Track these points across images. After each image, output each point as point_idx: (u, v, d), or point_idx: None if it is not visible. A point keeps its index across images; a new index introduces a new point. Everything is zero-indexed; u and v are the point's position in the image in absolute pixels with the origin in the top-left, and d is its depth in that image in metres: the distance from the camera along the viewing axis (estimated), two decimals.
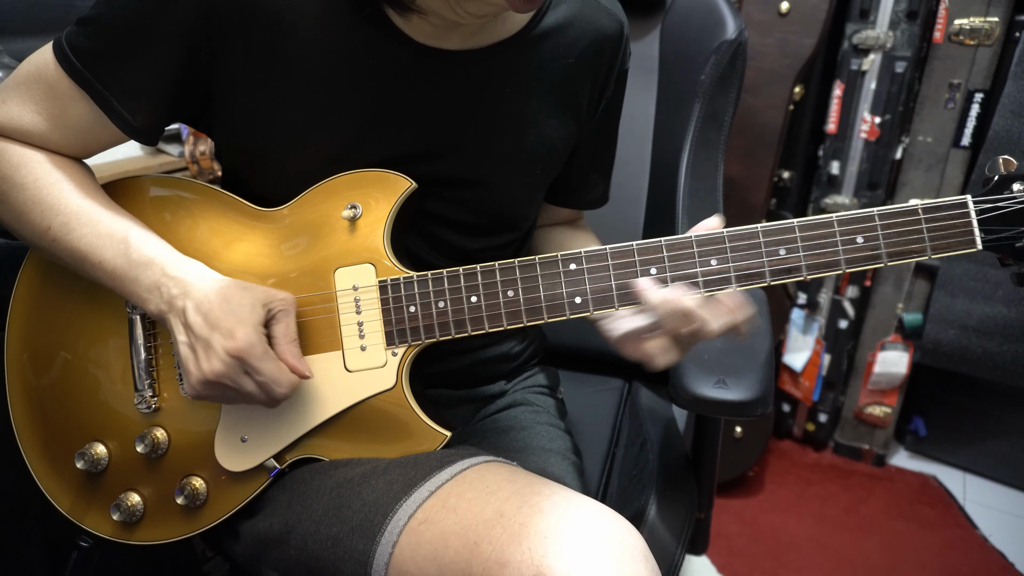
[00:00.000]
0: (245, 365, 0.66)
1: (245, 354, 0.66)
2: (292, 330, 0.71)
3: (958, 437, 2.03)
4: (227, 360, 0.66)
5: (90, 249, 0.71)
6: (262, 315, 0.69)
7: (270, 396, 0.68)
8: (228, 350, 0.65)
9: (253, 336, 0.66)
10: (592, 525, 0.61)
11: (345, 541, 0.67)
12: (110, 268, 0.71)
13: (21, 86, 0.73)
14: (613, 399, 1.21)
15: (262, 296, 0.70)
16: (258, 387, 0.68)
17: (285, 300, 0.71)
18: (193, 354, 0.67)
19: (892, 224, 0.68)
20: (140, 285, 0.70)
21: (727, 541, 1.77)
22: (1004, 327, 1.71)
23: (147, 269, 0.70)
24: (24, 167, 0.73)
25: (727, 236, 0.70)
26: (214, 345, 0.66)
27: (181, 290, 0.69)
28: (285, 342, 0.70)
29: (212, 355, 0.66)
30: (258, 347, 0.67)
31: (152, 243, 0.72)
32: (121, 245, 0.71)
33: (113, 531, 0.79)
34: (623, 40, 0.82)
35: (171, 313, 0.69)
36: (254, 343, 0.66)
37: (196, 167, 1.26)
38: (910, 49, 1.68)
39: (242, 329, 0.66)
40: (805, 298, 1.99)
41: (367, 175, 0.75)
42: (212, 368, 0.66)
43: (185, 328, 0.68)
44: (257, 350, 0.66)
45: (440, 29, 0.72)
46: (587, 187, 0.94)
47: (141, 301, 0.71)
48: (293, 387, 0.69)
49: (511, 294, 0.73)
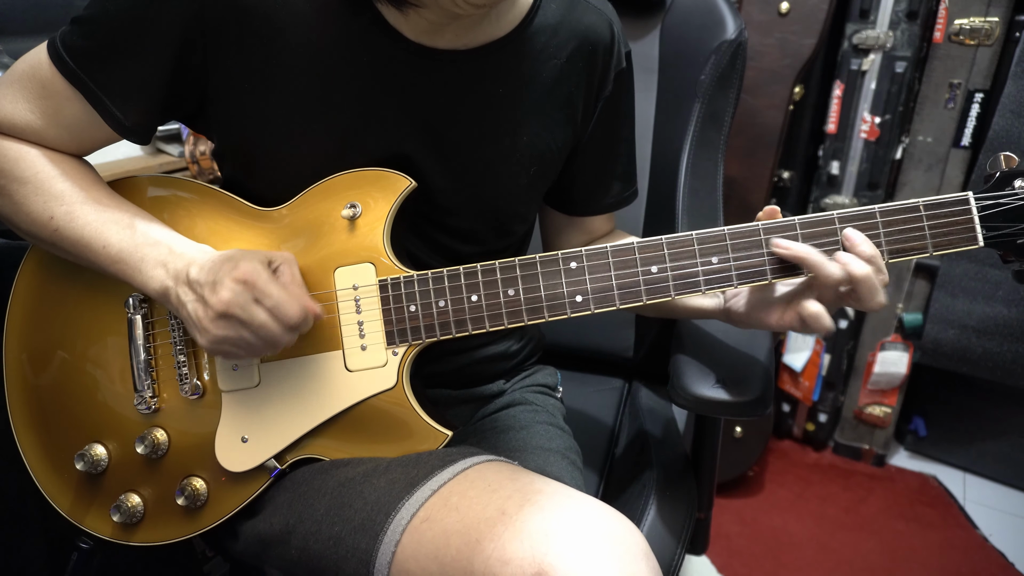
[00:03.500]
0: (253, 290, 0.65)
1: (251, 277, 0.65)
2: (298, 277, 0.72)
3: (958, 437, 2.03)
4: (234, 287, 0.65)
5: (95, 234, 0.71)
6: (264, 256, 0.69)
7: (283, 320, 0.67)
8: (234, 277, 0.65)
9: (257, 264, 0.67)
10: (593, 523, 0.61)
11: (347, 540, 0.67)
12: (115, 251, 0.71)
13: (15, 84, 0.73)
14: (613, 399, 1.21)
15: (265, 253, 0.70)
16: (269, 314, 0.66)
17: (287, 256, 0.72)
18: (202, 303, 0.67)
19: (893, 221, 0.68)
20: (146, 263, 0.70)
21: (727, 541, 1.77)
22: (1004, 327, 1.71)
23: (154, 248, 0.71)
24: (23, 161, 0.73)
25: (728, 234, 0.70)
26: (220, 279, 0.65)
27: (187, 263, 0.69)
28: (292, 285, 0.70)
29: (219, 287, 0.65)
30: (263, 272, 0.67)
31: (159, 228, 0.73)
32: (127, 229, 0.72)
33: (113, 532, 0.79)
34: (614, 39, 0.82)
35: (176, 284, 0.69)
36: (259, 270, 0.66)
37: (196, 167, 1.26)
38: (910, 49, 1.68)
39: (245, 260, 0.66)
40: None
41: (366, 174, 0.75)
42: (220, 298, 0.65)
43: (189, 287, 0.68)
44: (263, 275, 0.66)
45: (435, 26, 0.72)
46: (602, 191, 0.92)
47: (146, 280, 0.70)
48: (304, 313, 0.68)
49: (512, 293, 0.73)
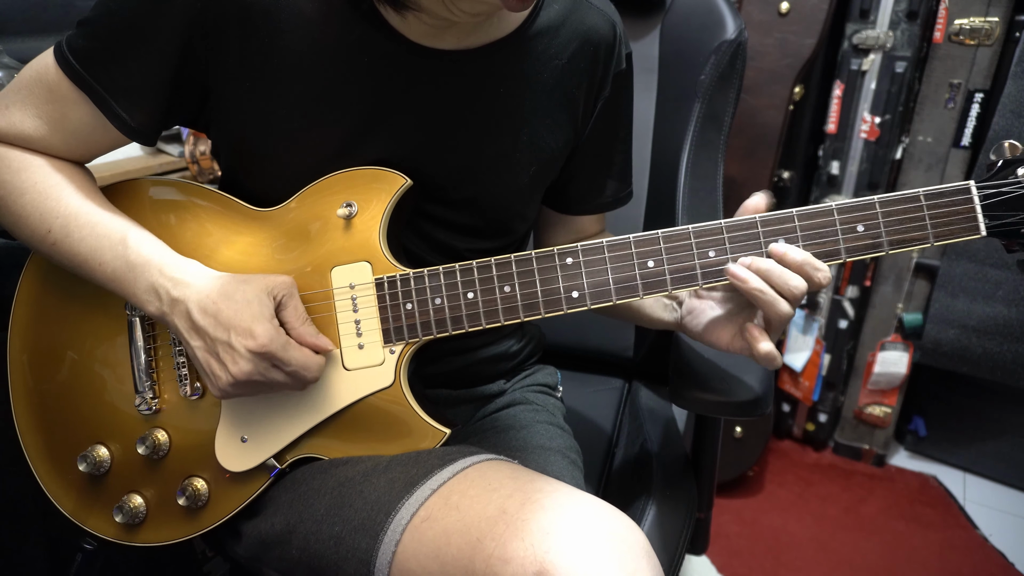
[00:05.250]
0: (272, 359, 0.67)
1: (269, 349, 0.66)
2: (301, 311, 0.72)
3: (958, 437, 2.03)
4: (253, 359, 0.66)
5: (90, 252, 0.72)
6: (271, 306, 0.69)
7: (302, 381, 0.70)
8: (252, 349, 0.66)
9: (272, 330, 0.67)
10: (594, 521, 0.61)
11: (347, 540, 0.67)
12: (110, 271, 0.71)
13: (23, 91, 0.74)
14: (613, 399, 1.21)
15: (264, 286, 0.70)
16: (288, 376, 0.69)
17: (286, 283, 0.72)
18: (216, 359, 0.67)
19: (893, 211, 0.68)
20: (138, 287, 0.70)
21: (727, 541, 1.77)
22: (1004, 327, 1.71)
23: (144, 270, 0.70)
24: (24, 172, 0.74)
25: (725, 227, 0.70)
26: (236, 347, 0.66)
27: (180, 292, 0.69)
28: (299, 324, 0.71)
29: (237, 357, 0.66)
30: (279, 339, 0.67)
31: (149, 244, 0.72)
32: (119, 247, 0.71)
33: (116, 533, 0.79)
34: (616, 40, 0.82)
35: (174, 316, 0.69)
36: (274, 337, 0.67)
37: (196, 167, 1.26)
38: (910, 49, 1.68)
39: (260, 326, 0.66)
40: (805, 298, 1.98)
41: (362, 173, 0.75)
42: (241, 370, 0.66)
43: (196, 332, 0.68)
44: (279, 342, 0.67)
45: (435, 28, 0.72)
46: (596, 190, 0.92)
47: (141, 303, 0.71)
48: (321, 367, 0.71)
49: (508, 289, 0.73)
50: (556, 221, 0.96)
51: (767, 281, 0.68)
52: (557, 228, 0.97)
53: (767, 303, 0.68)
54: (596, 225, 0.97)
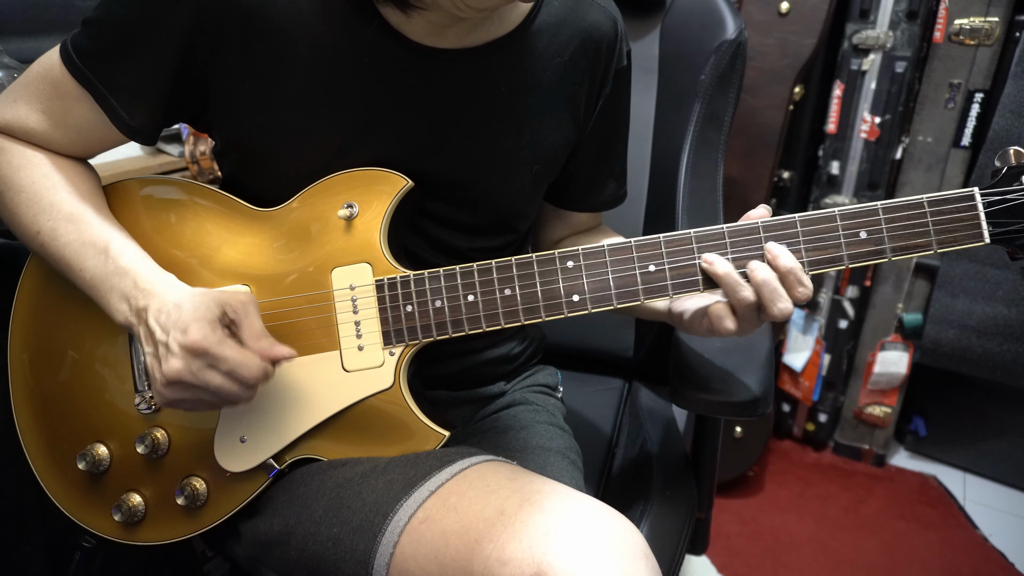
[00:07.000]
0: (206, 358, 0.64)
1: (200, 344, 0.63)
2: (257, 327, 0.68)
3: (958, 437, 2.03)
4: (184, 356, 0.64)
5: (73, 256, 0.72)
6: (216, 312, 0.66)
7: (241, 382, 0.65)
8: (182, 343, 0.63)
9: (206, 327, 0.64)
10: (593, 523, 0.61)
11: (346, 541, 0.67)
12: (88, 277, 0.71)
13: (30, 86, 0.75)
14: (613, 399, 1.21)
15: (216, 296, 0.68)
16: (225, 377, 0.65)
17: (241, 298, 0.69)
18: (156, 362, 0.66)
19: (896, 218, 0.67)
20: (112, 296, 0.70)
21: (727, 541, 1.77)
22: (1004, 327, 1.71)
23: (121, 280, 0.70)
24: (24, 168, 0.74)
25: (727, 232, 0.70)
26: (171, 345, 0.64)
27: (145, 301, 0.68)
28: (253, 340, 0.67)
29: (169, 355, 0.64)
30: (212, 336, 0.64)
31: (129, 254, 0.72)
32: (102, 255, 0.71)
33: (115, 532, 0.79)
34: (617, 37, 0.82)
35: (138, 324, 0.69)
36: (207, 334, 0.64)
37: (196, 167, 1.26)
38: (910, 49, 1.68)
39: (195, 324, 0.64)
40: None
41: (364, 174, 0.75)
42: (171, 367, 0.64)
43: (147, 337, 0.67)
44: (212, 339, 0.64)
45: (437, 27, 0.72)
46: (597, 188, 0.92)
47: (112, 312, 0.71)
48: (263, 370, 0.66)
49: (508, 292, 0.73)
50: (552, 215, 0.96)
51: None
52: (554, 223, 0.97)
53: (729, 286, 0.69)
54: (592, 220, 0.98)
